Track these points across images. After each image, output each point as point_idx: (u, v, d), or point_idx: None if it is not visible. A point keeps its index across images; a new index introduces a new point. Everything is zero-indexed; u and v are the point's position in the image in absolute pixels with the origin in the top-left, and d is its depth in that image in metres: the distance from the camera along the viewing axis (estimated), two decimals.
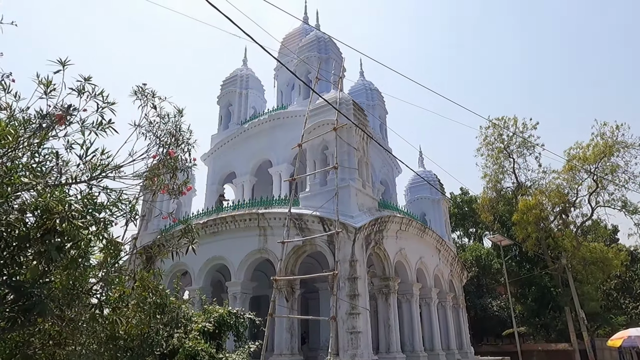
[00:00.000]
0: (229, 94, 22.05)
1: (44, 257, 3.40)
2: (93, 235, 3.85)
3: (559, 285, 27.18)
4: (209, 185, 20.83)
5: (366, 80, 23.88)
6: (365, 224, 13.02)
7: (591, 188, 26.56)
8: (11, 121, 3.87)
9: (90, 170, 4.11)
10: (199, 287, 15.05)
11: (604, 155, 25.51)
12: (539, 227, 26.75)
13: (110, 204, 4.17)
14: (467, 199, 39.31)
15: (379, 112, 22.65)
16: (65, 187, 3.99)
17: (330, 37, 20.47)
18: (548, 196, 27.13)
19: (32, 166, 3.97)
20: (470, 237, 40.99)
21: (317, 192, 14.30)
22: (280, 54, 21.86)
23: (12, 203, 3.47)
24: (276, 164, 18.87)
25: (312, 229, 13.36)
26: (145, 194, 5.35)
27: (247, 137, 20.09)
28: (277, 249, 12.79)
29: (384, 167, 21.37)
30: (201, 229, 14.77)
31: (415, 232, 16.73)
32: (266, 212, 14.32)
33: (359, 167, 14.58)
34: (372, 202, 14.93)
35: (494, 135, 29.83)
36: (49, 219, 3.45)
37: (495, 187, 30.61)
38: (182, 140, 5.22)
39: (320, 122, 14.83)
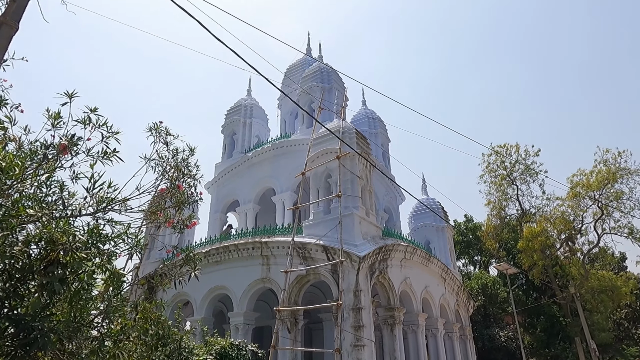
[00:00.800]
0: (233, 123, 22.34)
1: (47, 290, 3.37)
2: (96, 266, 3.83)
3: (568, 314, 26.56)
4: (212, 213, 20.81)
5: (368, 109, 24.17)
6: (369, 252, 12.90)
7: (596, 215, 26.36)
8: (19, 153, 3.93)
9: (97, 203, 4.13)
10: (200, 317, 14.80)
11: (607, 181, 25.46)
12: (545, 255, 26.42)
13: (115, 236, 4.17)
14: (471, 226, 39.00)
15: (381, 140, 22.82)
16: (71, 219, 4.01)
17: (333, 68, 20.87)
18: (553, 223, 26.91)
19: (38, 197, 3.99)
20: (476, 265, 40.42)
21: (321, 220, 14.24)
22: (284, 84, 22.26)
23: (17, 235, 3.47)
24: (280, 192, 18.89)
25: (315, 258, 13.23)
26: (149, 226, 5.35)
27: (250, 166, 20.21)
28: (280, 278, 12.64)
29: (387, 195, 21.34)
30: (204, 258, 14.66)
31: (419, 261, 16.53)
32: (269, 241, 14.23)
33: (362, 195, 14.57)
34: (375, 231, 14.83)
35: (496, 163, 29.91)
36: (52, 250, 3.44)
37: (500, 214, 30.43)
38: (190, 176, 5.28)
39: (324, 151, 14.93)
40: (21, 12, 3.53)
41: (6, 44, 3.51)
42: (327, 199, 14.42)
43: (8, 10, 3.51)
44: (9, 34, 3.53)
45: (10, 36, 3.54)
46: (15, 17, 3.50)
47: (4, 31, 3.48)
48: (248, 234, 15.59)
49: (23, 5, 3.54)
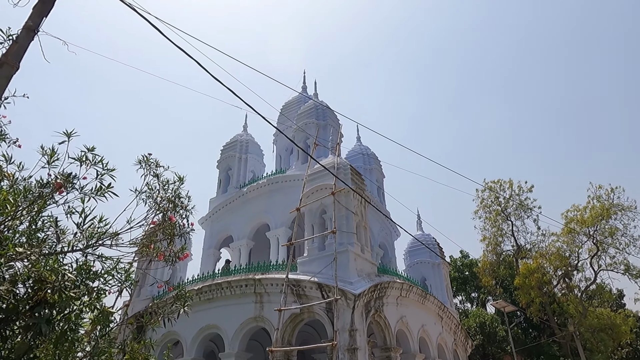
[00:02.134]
0: (228, 158, 22.47)
1: (32, 331, 3.28)
2: (85, 305, 3.75)
3: (569, 354, 25.99)
4: (206, 249, 20.54)
5: (363, 145, 24.47)
6: (365, 290, 12.69)
7: (592, 251, 26.34)
8: (12, 190, 3.91)
9: (87, 238, 4.09)
10: (191, 358, 14.30)
11: (601, 217, 25.62)
12: (542, 292, 26.15)
13: (104, 272, 4.09)
14: (467, 262, 38.72)
15: (376, 176, 22.97)
16: (60, 256, 3.94)
17: (328, 106, 21.28)
18: (549, 259, 26.81)
19: (30, 234, 3.95)
20: (473, 302, 39.79)
21: (315, 256, 14.08)
22: (279, 121, 22.59)
23: (4, 273, 3.40)
24: (274, 228, 18.76)
25: (310, 296, 12.98)
26: (140, 261, 5.27)
27: (245, 201, 20.16)
28: (274, 317, 12.33)
29: (382, 231, 21.24)
30: (195, 295, 14.33)
31: (416, 299, 16.26)
32: (263, 278, 13.98)
33: (357, 231, 14.50)
34: (371, 267, 14.65)
35: (490, 198, 30.11)
36: (40, 290, 3.36)
37: (495, 250, 30.33)
38: (181, 207, 5.25)
39: (319, 187, 14.97)
40: (22, 53, 3.62)
41: (6, 83, 3.57)
42: (322, 235, 14.32)
43: (10, 50, 3.60)
44: (9, 73, 3.60)
45: (10, 75, 3.61)
46: (17, 58, 3.58)
47: (5, 71, 3.55)
48: (241, 271, 15.34)
49: (25, 47, 3.64)
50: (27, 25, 3.74)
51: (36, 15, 3.80)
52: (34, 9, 3.85)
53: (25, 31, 3.71)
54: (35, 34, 3.71)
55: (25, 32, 3.69)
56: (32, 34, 3.70)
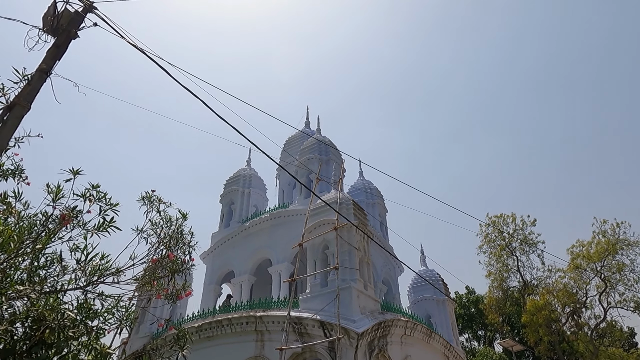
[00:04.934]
0: (231, 192, 22.55)
1: None
2: (83, 346, 3.69)
3: None
4: (207, 285, 20.26)
5: (365, 179, 24.56)
6: (368, 328, 12.40)
7: (600, 287, 25.84)
8: (17, 228, 3.95)
9: (88, 275, 4.08)
10: None
11: (608, 253, 25.28)
12: (551, 330, 25.46)
13: (105, 310, 4.06)
14: (473, 299, 37.93)
15: (378, 210, 22.91)
16: (60, 294, 3.92)
17: (331, 141, 21.55)
18: (556, 296, 26.28)
19: (31, 271, 3.95)
20: (480, 341, 38.67)
21: (318, 293, 13.86)
22: (282, 156, 22.82)
23: (4, 313, 3.38)
24: (276, 263, 18.57)
25: (312, 334, 12.68)
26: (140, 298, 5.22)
27: (247, 235, 20.06)
28: (275, 356, 12.00)
29: (385, 266, 20.97)
30: (195, 333, 14.03)
31: (421, 337, 15.83)
32: (264, 315, 13.72)
33: (360, 267, 14.33)
34: (374, 304, 14.38)
35: (494, 233, 29.87)
36: (38, 330, 3.33)
37: (501, 286, 29.80)
38: (184, 243, 5.26)
39: (321, 222, 14.93)
40: (35, 94, 3.75)
41: (17, 122, 3.68)
42: (324, 271, 14.14)
43: (23, 92, 3.73)
44: (21, 113, 3.71)
45: (22, 115, 3.73)
46: (29, 99, 3.71)
47: (17, 111, 3.66)
48: (242, 307, 15.07)
49: (37, 88, 3.77)
50: (40, 68, 3.90)
51: (49, 58, 3.96)
52: (48, 52, 4.01)
53: (38, 73, 3.85)
54: (48, 76, 3.86)
55: (38, 74, 3.84)
56: (44, 76, 3.84)
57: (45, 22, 4.22)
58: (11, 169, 4.44)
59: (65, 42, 4.10)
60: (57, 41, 4.05)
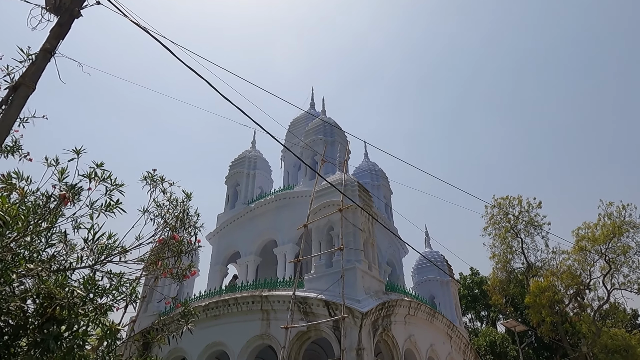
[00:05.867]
0: (236, 174, 22.62)
1: (40, 347, 3.30)
2: (92, 322, 3.77)
3: None
4: (213, 265, 20.53)
5: (370, 161, 24.51)
6: (372, 308, 12.56)
7: (604, 269, 25.87)
8: (21, 205, 3.98)
9: (96, 254, 4.13)
10: None
11: (613, 235, 25.21)
12: (554, 311, 25.63)
13: (112, 288, 4.12)
14: (477, 280, 38.16)
15: (383, 192, 22.93)
16: (69, 272, 3.98)
17: (335, 122, 21.42)
18: (560, 277, 26.36)
19: (34, 250, 4.00)
20: (483, 321, 39.08)
21: (323, 273, 14.01)
22: (287, 138, 22.76)
23: (15, 290, 3.45)
24: (281, 244, 18.74)
25: (317, 314, 12.88)
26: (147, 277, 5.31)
27: (253, 217, 20.20)
28: (280, 334, 12.23)
29: (390, 248, 21.10)
30: (202, 311, 14.28)
31: (424, 317, 16.03)
32: (270, 295, 13.92)
33: (364, 248, 14.43)
34: (378, 285, 14.53)
35: (499, 215, 29.84)
36: (49, 306, 3.40)
37: (505, 267, 29.91)
38: (189, 224, 5.29)
39: (326, 203, 14.98)
40: (39, 74, 3.74)
41: (23, 102, 3.68)
42: (329, 252, 14.27)
43: (27, 72, 3.72)
44: (26, 93, 3.71)
45: (27, 95, 3.73)
46: (34, 79, 3.70)
47: (22, 91, 3.66)
48: (248, 287, 15.30)
49: (41, 68, 3.76)
50: (44, 47, 3.88)
51: (53, 37, 3.94)
52: (51, 31, 3.99)
53: (42, 53, 3.84)
54: (52, 56, 3.85)
55: (42, 54, 3.83)
56: (48, 55, 3.83)
57: (48, 1, 4.18)
58: (9, 145, 4.46)
59: (68, 21, 4.07)
60: (60, 20, 4.02)
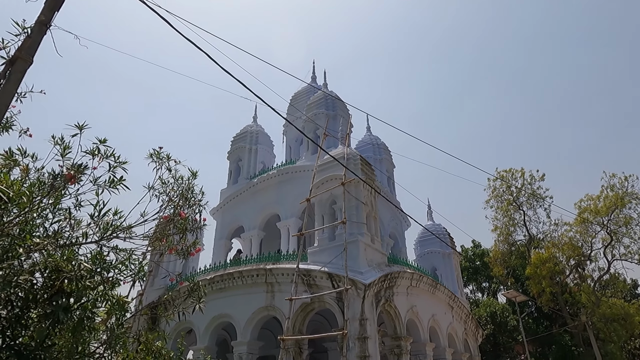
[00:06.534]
0: (238, 149, 22.56)
1: (51, 319, 3.36)
2: (100, 295, 3.83)
3: (581, 344, 25.88)
4: (217, 239, 20.76)
5: (373, 135, 24.36)
6: (375, 280, 12.75)
7: (605, 241, 26.02)
8: (26, 182, 3.99)
9: (102, 230, 4.16)
10: (204, 346, 14.56)
11: (615, 207, 25.24)
12: (554, 282, 25.96)
13: (119, 263, 4.17)
14: (479, 252, 38.53)
15: (386, 166, 22.89)
16: (75, 247, 4.03)
17: (337, 96, 21.18)
18: (561, 249, 26.56)
19: (45, 226, 4.03)
20: (484, 292, 39.69)
21: (326, 247, 14.16)
22: (289, 112, 22.57)
23: (23, 264, 3.49)
24: (284, 219, 18.87)
25: (320, 286, 13.08)
26: (152, 253, 5.36)
27: (255, 192, 20.28)
28: (285, 306, 12.48)
29: (392, 221, 21.24)
30: (208, 285, 14.54)
31: (426, 288, 16.28)
32: (274, 268, 14.12)
33: (367, 221, 14.52)
34: (381, 257, 14.70)
35: (502, 187, 29.83)
36: (57, 279, 3.44)
37: (507, 239, 30.12)
38: (194, 202, 5.30)
39: (329, 177, 14.99)
40: (36, 47, 3.66)
41: (21, 77, 3.63)
42: (332, 226, 14.37)
43: (23, 45, 3.65)
44: (23, 67, 3.65)
45: (24, 70, 3.67)
46: (30, 52, 3.63)
47: (19, 65, 3.60)
48: (252, 261, 15.51)
49: (38, 41, 3.68)
50: (39, 20, 3.79)
51: (48, 9, 3.84)
52: (46, 3, 3.88)
53: (38, 25, 3.75)
54: (48, 28, 3.76)
55: (38, 26, 3.74)
56: (44, 28, 3.75)
57: None
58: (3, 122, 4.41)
59: None
60: None
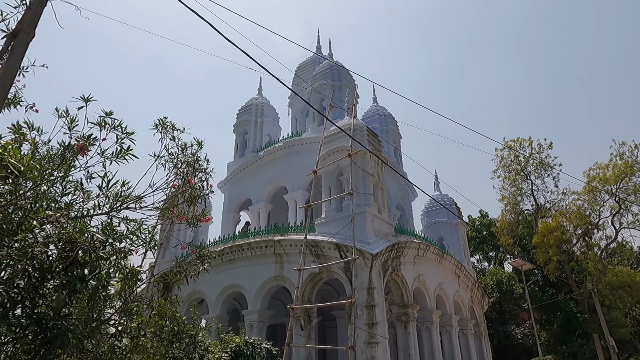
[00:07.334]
0: (244, 122, 22.48)
1: (67, 288, 3.47)
2: (113, 265, 3.92)
3: (586, 311, 26.20)
4: (225, 212, 20.99)
5: (379, 105, 24.10)
6: (382, 250, 12.89)
7: (614, 209, 25.91)
8: (35, 155, 4.03)
9: (111, 201, 4.22)
10: (215, 315, 14.97)
11: (625, 175, 24.99)
12: (561, 250, 26.06)
13: (130, 233, 4.25)
14: (486, 222, 38.65)
15: (392, 136, 22.74)
16: (86, 219, 4.10)
17: (343, 66, 20.85)
18: (569, 218, 26.52)
19: (55, 198, 4.09)
20: (490, 261, 40.05)
21: (333, 218, 14.27)
22: (294, 83, 22.31)
23: (37, 236, 3.57)
24: (291, 191, 18.98)
25: (328, 256, 13.28)
26: (163, 223, 5.45)
27: (262, 165, 20.33)
28: (294, 276, 12.72)
29: (399, 192, 21.28)
30: (217, 256, 14.80)
31: (433, 258, 16.47)
32: (282, 239, 14.32)
33: (374, 192, 14.56)
34: (388, 228, 14.81)
35: (510, 157, 29.59)
36: (72, 251, 3.53)
37: (514, 209, 30.09)
38: (200, 170, 5.34)
39: (335, 149, 14.95)
40: (37, 20, 3.62)
41: (23, 50, 3.61)
42: (339, 197, 14.44)
43: (24, 17, 3.61)
44: (25, 40, 3.63)
45: (27, 43, 3.64)
46: (32, 25, 3.60)
47: (22, 38, 3.58)
48: (261, 233, 15.71)
49: (39, 13, 3.64)
50: None
51: None
52: None
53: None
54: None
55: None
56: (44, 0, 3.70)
57: None
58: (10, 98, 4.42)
59: None
60: None
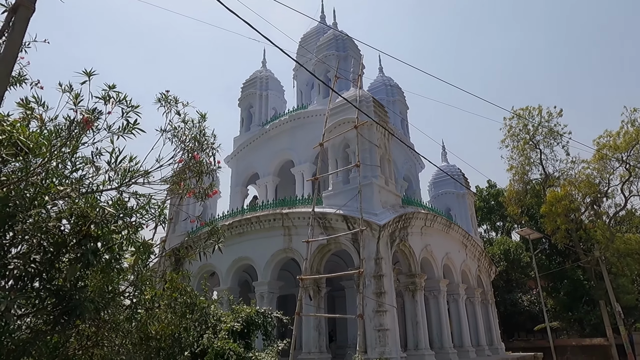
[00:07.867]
0: (249, 96, 22.30)
1: (81, 262, 3.54)
2: (125, 239, 3.99)
3: (592, 278, 26.40)
4: (233, 187, 21.13)
5: (385, 76, 23.72)
6: (389, 221, 12.97)
7: (624, 177, 25.69)
8: (43, 131, 4.04)
9: (120, 176, 4.25)
10: (226, 287, 15.30)
11: (636, 142, 24.64)
12: (569, 219, 26.04)
13: (140, 207, 4.29)
14: (493, 192, 38.54)
15: (399, 107, 22.48)
16: (97, 194, 4.14)
17: (348, 35, 20.42)
18: (578, 187, 26.36)
19: (66, 174, 4.13)
20: (498, 231, 40.16)
21: (340, 190, 14.32)
22: (299, 54, 21.95)
23: (50, 211, 3.63)
24: (298, 164, 18.99)
25: (336, 228, 13.39)
26: (172, 198, 5.50)
27: (268, 138, 20.29)
28: (302, 248, 12.88)
29: (406, 163, 21.20)
30: (227, 230, 15.00)
31: (440, 228, 16.55)
32: (290, 212, 14.43)
33: (381, 164, 14.52)
34: (395, 199, 14.84)
35: (518, 126, 29.21)
36: (84, 225, 3.59)
37: (522, 179, 29.94)
38: (207, 145, 5.33)
39: (341, 121, 14.84)
40: None
41: (24, 25, 3.57)
42: (346, 169, 14.43)
43: None
44: (26, 15, 3.58)
45: (27, 18, 3.60)
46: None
47: (22, 13, 3.53)
48: (269, 206, 15.84)
49: None
50: None
51: None
52: None
53: None
54: None
55: None
56: None
57: None
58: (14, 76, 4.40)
59: None
60: None
